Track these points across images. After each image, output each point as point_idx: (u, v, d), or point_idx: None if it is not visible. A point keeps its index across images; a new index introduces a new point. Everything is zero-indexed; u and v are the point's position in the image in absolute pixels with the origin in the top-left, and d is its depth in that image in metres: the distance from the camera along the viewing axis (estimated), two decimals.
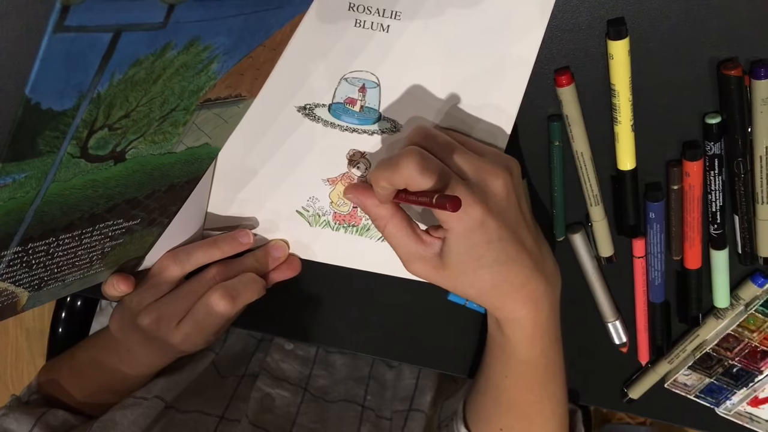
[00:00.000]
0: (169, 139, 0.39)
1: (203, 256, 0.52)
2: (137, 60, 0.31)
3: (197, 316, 0.51)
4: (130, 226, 0.45)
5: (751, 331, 0.57)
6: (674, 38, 0.46)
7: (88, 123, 0.32)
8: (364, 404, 0.69)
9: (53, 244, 0.40)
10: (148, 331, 0.52)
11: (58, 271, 0.43)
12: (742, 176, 0.49)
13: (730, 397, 0.62)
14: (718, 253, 0.53)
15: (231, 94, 0.41)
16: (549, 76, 0.48)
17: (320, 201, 0.54)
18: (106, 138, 0.35)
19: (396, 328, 0.63)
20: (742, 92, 0.46)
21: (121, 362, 0.59)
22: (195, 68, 0.35)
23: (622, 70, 0.46)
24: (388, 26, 0.46)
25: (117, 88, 0.32)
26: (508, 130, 0.49)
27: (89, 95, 0.30)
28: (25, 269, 0.40)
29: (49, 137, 0.31)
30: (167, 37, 0.31)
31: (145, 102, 0.35)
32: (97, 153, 0.35)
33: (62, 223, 0.39)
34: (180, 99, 0.37)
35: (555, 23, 0.47)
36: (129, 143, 0.37)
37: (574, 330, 0.60)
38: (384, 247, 0.55)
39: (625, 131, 0.48)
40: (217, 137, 0.45)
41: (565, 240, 0.55)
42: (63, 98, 0.29)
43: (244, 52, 0.38)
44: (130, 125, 0.35)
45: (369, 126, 0.50)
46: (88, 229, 0.41)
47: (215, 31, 0.34)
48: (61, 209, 0.37)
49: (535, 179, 0.53)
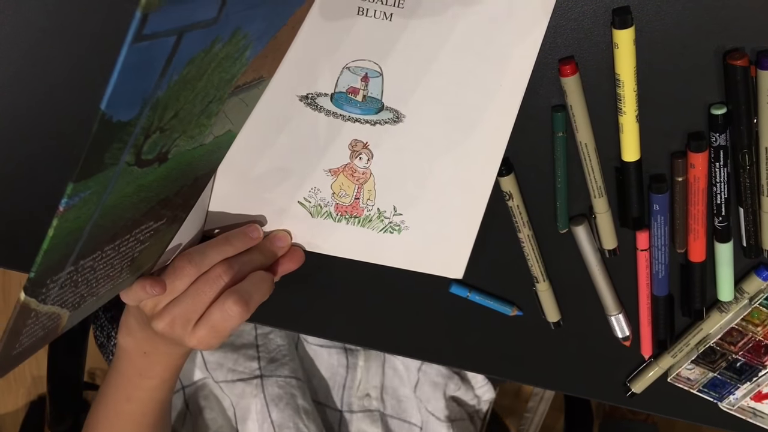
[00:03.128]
0: (203, 131, 0.39)
1: (217, 254, 0.52)
2: (191, 59, 0.30)
3: (213, 321, 0.51)
4: (158, 226, 0.44)
5: (756, 325, 0.57)
6: (680, 28, 0.46)
7: (146, 129, 0.31)
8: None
9: (98, 258, 0.38)
10: (164, 333, 0.52)
11: (96, 285, 0.42)
12: (748, 168, 0.48)
13: (733, 391, 0.61)
14: (722, 245, 0.53)
15: (255, 78, 0.40)
16: (553, 66, 0.48)
17: (322, 192, 0.53)
18: (157, 141, 0.34)
19: (396, 320, 0.62)
20: (748, 83, 0.45)
21: (142, 371, 0.58)
22: (233, 57, 0.35)
23: (627, 60, 0.45)
24: (391, 15, 0.45)
25: (173, 89, 0.31)
26: (511, 121, 0.49)
27: (150, 101, 0.29)
28: (71, 288, 0.39)
29: (115, 149, 0.30)
30: (217, 31, 0.30)
31: (191, 98, 0.34)
32: (147, 157, 0.34)
33: (109, 235, 0.37)
34: (217, 90, 0.36)
35: (559, 12, 0.46)
36: (173, 142, 0.36)
37: (576, 323, 0.60)
38: (386, 238, 0.55)
39: (629, 122, 0.48)
40: (237, 122, 0.44)
41: (568, 232, 0.55)
42: (130, 108, 0.28)
43: (272, 34, 0.37)
44: (176, 124, 0.34)
45: (371, 116, 0.49)
46: (126, 236, 0.40)
47: (252, 17, 0.33)
48: (113, 221, 0.36)
49: (538, 170, 0.52)
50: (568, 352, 0.61)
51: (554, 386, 0.66)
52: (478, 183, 0.52)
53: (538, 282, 0.57)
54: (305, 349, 0.82)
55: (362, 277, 0.60)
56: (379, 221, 0.54)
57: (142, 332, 0.55)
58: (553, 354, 0.62)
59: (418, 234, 0.55)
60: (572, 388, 0.65)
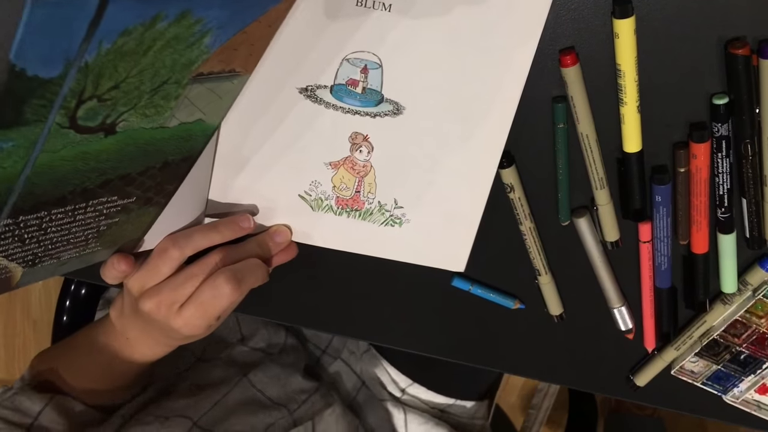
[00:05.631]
0: (161, 112, 0.39)
1: (203, 239, 0.52)
2: (126, 29, 0.31)
3: (202, 298, 0.51)
4: (126, 204, 0.45)
5: (759, 317, 0.56)
6: (681, 17, 0.45)
7: (77, 92, 0.32)
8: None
9: (45, 218, 0.40)
10: (150, 315, 0.52)
11: (52, 248, 0.43)
12: (750, 158, 0.48)
13: (737, 384, 0.61)
14: (725, 237, 0.52)
15: (224, 69, 0.41)
16: (553, 56, 0.48)
17: (322, 185, 0.53)
18: (96, 109, 0.35)
19: (397, 313, 0.62)
20: (750, 72, 0.45)
21: (119, 349, 0.58)
22: (187, 41, 0.35)
23: (628, 50, 0.45)
24: (390, 5, 0.45)
25: (106, 57, 0.32)
26: (511, 112, 0.48)
27: (76, 63, 0.30)
28: (18, 243, 0.40)
29: (36, 105, 0.31)
30: (157, 7, 0.31)
31: (135, 73, 0.34)
32: (86, 124, 0.35)
33: (54, 197, 0.39)
34: (171, 72, 0.37)
35: (560, 2, 0.46)
36: (120, 115, 0.37)
37: (578, 316, 0.60)
38: (387, 231, 0.55)
39: (630, 112, 0.47)
40: (211, 113, 0.45)
41: (570, 224, 0.54)
42: (49, 65, 0.29)
43: (239, 27, 0.38)
44: (120, 97, 0.35)
45: (371, 108, 0.49)
46: (81, 204, 0.41)
47: (208, 4, 0.33)
48: (52, 181, 0.37)
49: (539, 162, 0.52)
50: (570, 345, 0.61)
51: (557, 380, 0.65)
52: (479, 175, 0.52)
53: (540, 275, 0.57)
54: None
55: (363, 271, 0.60)
56: (380, 214, 0.54)
57: (131, 315, 0.55)
58: (556, 347, 0.62)
59: (419, 227, 0.54)
60: (574, 381, 0.64)
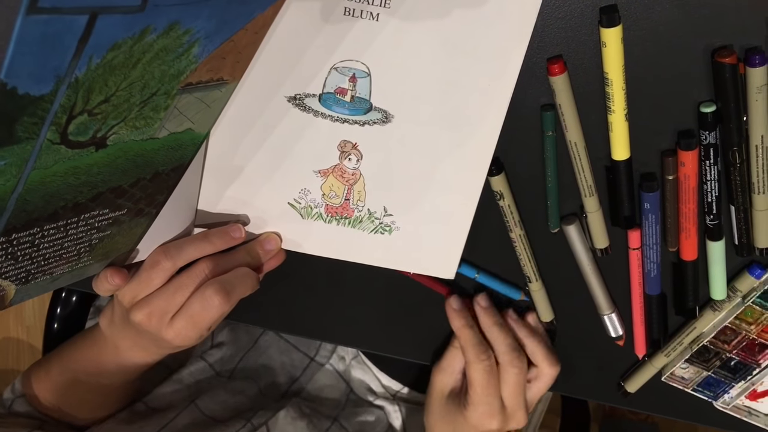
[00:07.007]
0: (151, 124, 0.39)
1: (195, 250, 0.52)
2: (115, 44, 0.31)
3: (192, 310, 0.51)
4: (117, 216, 0.44)
5: (749, 323, 0.56)
6: (668, 26, 0.46)
7: (67, 108, 0.32)
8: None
9: (38, 234, 0.40)
10: (141, 326, 0.52)
11: (45, 264, 0.43)
12: (738, 165, 0.48)
13: (728, 390, 0.61)
14: (714, 244, 0.52)
15: (213, 78, 0.41)
16: (541, 65, 0.48)
17: (312, 193, 0.53)
18: (86, 123, 0.34)
19: (386, 321, 0.62)
20: (737, 80, 0.45)
21: (109, 358, 0.58)
22: (175, 52, 0.35)
23: (616, 59, 0.45)
24: (377, 14, 0.45)
25: (95, 72, 0.31)
26: (500, 120, 0.49)
27: (67, 79, 0.30)
28: (11, 261, 0.40)
29: (27, 123, 0.31)
30: (146, 20, 0.31)
31: (125, 86, 0.34)
32: (77, 139, 0.35)
33: (46, 212, 0.38)
34: (161, 83, 0.36)
35: (547, 11, 0.46)
36: (110, 129, 0.36)
37: (569, 323, 0.60)
38: (376, 239, 0.55)
39: (618, 120, 0.48)
40: (200, 122, 0.45)
41: (559, 232, 0.54)
42: (40, 83, 0.29)
43: (226, 36, 0.38)
44: (110, 110, 0.35)
45: (360, 116, 0.49)
46: (72, 219, 0.41)
47: (195, 14, 0.33)
48: (44, 198, 0.37)
49: (529, 170, 0.52)
50: (561, 351, 0.61)
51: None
52: (468, 183, 0.52)
53: (531, 282, 0.57)
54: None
55: (353, 278, 0.60)
56: (370, 222, 0.54)
57: (122, 325, 0.55)
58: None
59: (408, 234, 0.54)
60: (566, 387, 0.64)
